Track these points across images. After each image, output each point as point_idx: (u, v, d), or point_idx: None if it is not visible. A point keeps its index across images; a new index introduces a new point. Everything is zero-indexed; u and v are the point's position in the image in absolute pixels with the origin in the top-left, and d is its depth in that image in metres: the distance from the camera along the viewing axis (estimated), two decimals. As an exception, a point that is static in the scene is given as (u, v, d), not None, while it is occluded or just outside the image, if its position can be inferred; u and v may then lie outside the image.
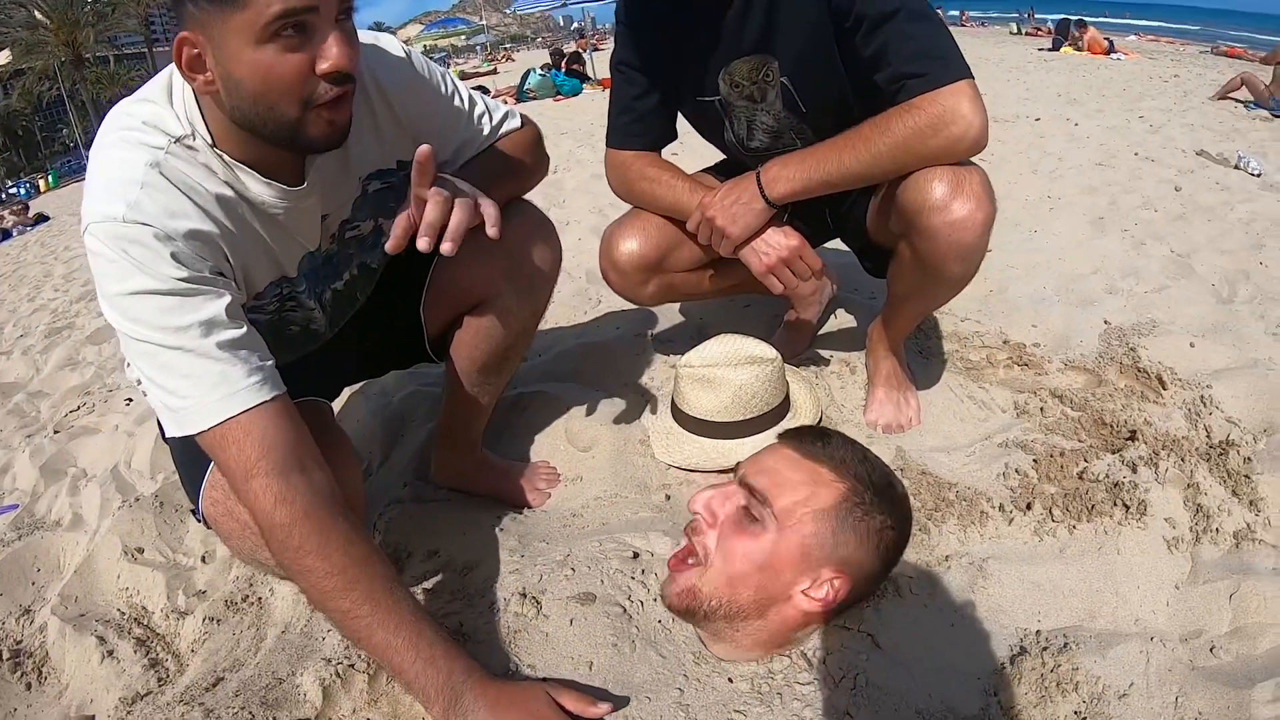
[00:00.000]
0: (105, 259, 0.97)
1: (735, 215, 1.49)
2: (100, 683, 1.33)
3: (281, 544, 0.98)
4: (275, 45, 0.93)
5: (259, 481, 0.98)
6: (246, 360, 1.01)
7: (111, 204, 0.97)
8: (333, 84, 0.98)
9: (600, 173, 4.82)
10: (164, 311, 0.97)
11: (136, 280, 0.96)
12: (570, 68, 13.65)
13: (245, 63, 0.94)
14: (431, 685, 0.96)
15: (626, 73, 1.64)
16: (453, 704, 0.96)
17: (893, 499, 1.10)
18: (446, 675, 0.97)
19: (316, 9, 0.93)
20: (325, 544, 0.98)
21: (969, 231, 1.35)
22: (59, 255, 7.09)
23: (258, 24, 0.91)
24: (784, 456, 1.09)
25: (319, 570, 0.98)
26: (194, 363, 0.98)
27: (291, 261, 1.23)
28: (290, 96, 0.97)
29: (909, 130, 1.32)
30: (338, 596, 0.98)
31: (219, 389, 0.98)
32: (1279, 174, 4.44)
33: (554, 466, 1.73)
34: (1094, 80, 9.33)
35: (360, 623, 0.98)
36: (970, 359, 2.06)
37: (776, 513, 1.03)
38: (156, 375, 1.00)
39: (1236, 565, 1.30)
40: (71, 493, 2.04)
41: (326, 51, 0.95)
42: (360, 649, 1.03)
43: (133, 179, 0.99)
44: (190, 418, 0.99)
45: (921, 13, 1.33)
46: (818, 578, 1.03)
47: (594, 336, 2.38)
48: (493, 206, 1.14)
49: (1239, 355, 1.99)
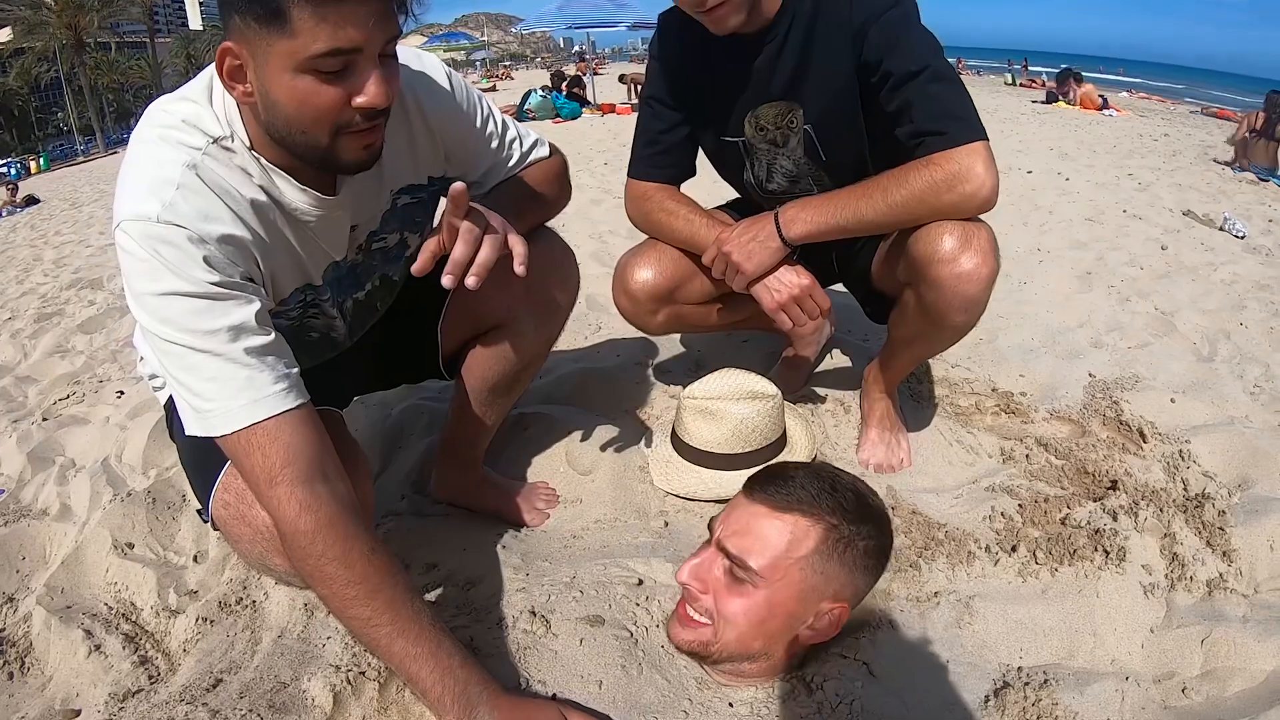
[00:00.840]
0: (136, 258, 0.97)
1: (751, 252, 1.53)
2: (87, 677, 1.32)
3: (304, 551, 0.99)
4: (315, 76, 0.94)
5: (283, 489, 0.99)
6: (273, 367, 1.01)
7: (146, 203, 0.97)
8: (367, 119, 0.99)
9: (598, 198, 4.84)
10: (193, 314, 0.97)
11: (167, 281, 0.96)
12: (571, 91, 13.71)
13: (284, 87, 0.95)
14: (449, 694, 0.98)
15: (655, 107, 1.69)
16: (467, 714, 0.98)
17: (867, 514, 1.13)
18: (463, 686, 0.99)
19: (361, 50, 0.94)
20: (348, 552, 0.99)
21: (974, 284, 1.41)
22: (49, 240, 7.01)
23: (301, 55, 0.91)
24: (755, 512, 1.10)
25: (341, 578, 0.99)
26: (221, 367, 0.98)
27: (318, 269, 1.24)
28: (323, 124, 0.98)
29: (925, 184, 1.38)
30: (359, 604, 0.99)
31: (245, 394, 0.98)
32: (1263, 237, 4.55)
33: (553, 488, 1.74)
34: (1086, 136, 9.51)
35: (380, 631, 0.99)
36: (960, 405, 2.11)
37: (761, 572, 1.06)
38: (182, 376, 1.00)
39: (1209, 612, 1.34)
40: (60, 482, 2.02)
41: (365, 89, 0.96)
42: (376, 656, 1.04)
43: (169, 179, 0.99)
44: (215, 421, 0.99)
45: (946, 75, 1.40)
46: (818, 612, 1.07)
47: (594, 362, 2.40)
48: (521, 244, 1.16)
49: (1217, 412, 2.06)
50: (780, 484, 1.10)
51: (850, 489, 1.13)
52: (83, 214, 8.72)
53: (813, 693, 1.09)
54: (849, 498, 1.11)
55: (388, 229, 1.32)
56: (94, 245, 6.12)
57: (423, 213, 1.37)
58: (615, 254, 3.76)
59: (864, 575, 1.11)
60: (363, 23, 0.91)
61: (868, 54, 1.42)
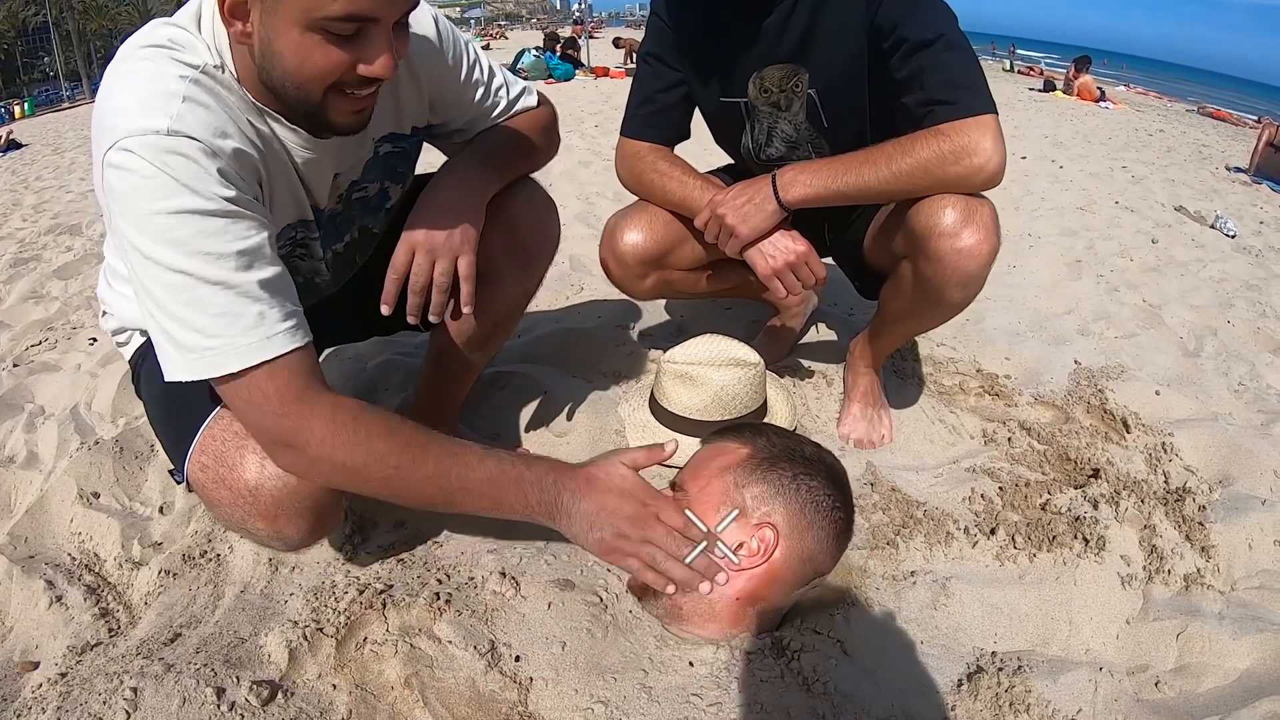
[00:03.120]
0: (141, 175, 0.89)
1: (746, 214, 1.50)
2: (47, 629, 1.29)
3: (351, 441, 0.97)
4: (324, 35, 0.90)
5: (310, 400, 0.97)
6: (282, 304, 0.96)
7: (151, 117, 0.90)
8: (364, 85, 0.96)
9: (587, 160, 4.77)
10: (206, 235, 0.90)
11: (181, 198, 0.89)
12: (565, 52, 13.58)
13: (290, 39, 0.90)
14: (532, 500, 1.03)
15: (654, 65, 1.64)
16: (556, 507, 1.04)
17: (805, 456, 1.14)
18: (539, 492, 1.03)
19: (378, 20, 0.91)
20: (388, 424, 1.00)
21: (974, 260, 1.38)
22: (30, 185, 6.86)
23: (315, 13, 0.88)
24: (704, 449, 1.18)
25: (395, 448, 0.99)
26: (230, 300, 0.92)
27: (307, 205, 1.20)
28: (321, 83, 0.95)
29: (932, 154, 1.34)
30: (419, 464, 0.99)
31: (256, 331, 0.93)
32: (1253, 238, 4.57)
33: (527, 449, 1.72)
34: (1081, 126, 9.50)
35: (451, 476, 1.00)
36: (944, 384, 2.10)
37: (682, 484, 1.14)
38: (185, 312, 0.92)
39: (1185, 607, 1.34)
40: (28, 429, 1.98)
41: (374, 58, 0.93)
42: (457, 501, 1.03)
43: (173, 91, 0.92)
44: (220, 359, 0.93)
45: (959, 45, 1.36)
46: (746, 541, 1.08)
47: (575, 323, 2.37)
48: (469, 283, 1.23)
49: (1201, 407, 2.06)
50: (737, 429, 1.17)
51: (803, 445, 1.17)
52: (65, 160, 8.55)
53: (780, 655, 1.08)
54: (792, 442, 1.15)
55: (369, 178, 1.28)
56: (75, 191, 6.01)
57: (404, 162, 1.33)
58: (602, 216, 3.75)
59: (798, 506, 1.09)
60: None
61: (881, 19, 1.38)
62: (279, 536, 1.14)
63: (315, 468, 1.00)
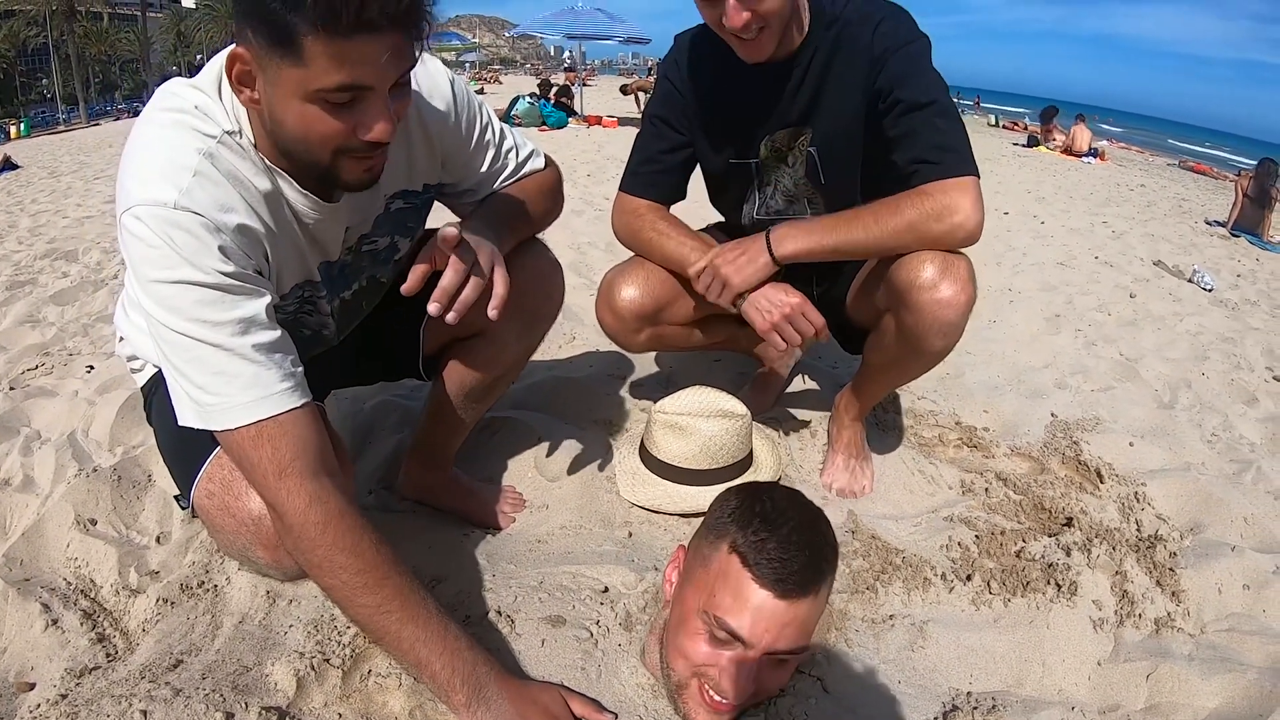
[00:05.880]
0: (148, 244, 0.95)
1: (740, 266, 1.56)
2: (42, 651, 1.30)
3: (314, 541, 1.00)
4: (323, 106, 0.93)
5: (293, 480, 0.99)
6: (280, 365, 1.02)
7: (162, 188, 0.96)
8: (370, 148, 0.99)
9: (580, 209, 4.85)
10: (204, 305, 0.96)
11: (180, 270, 0.95)
12: (559, 100, 13.63)
13: (291, 110, 0.94)
14: (458, 676, 1.00)
15: (659, 126, 1.71)
16: (476, 694, 1.01)
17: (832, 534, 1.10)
18: (471, 668, 1.02)
19: (373, 88, 0.93)
20: (358, 542, 1.01)
21: (953, 310, 1.46)
22: (25, 207, 6.86)
23: (311, 86, 0.90)
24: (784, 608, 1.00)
25: (352, 567, 1.00)
26: (228, 361, 0.98)
27: (314, 267, 1.24)
28: (326, 148, 0.98)
29: (917, 213, 1.43)
30: (368, 592, 1.00)
31: (251, 390, 0.99)
32: (1230, 291, 4.68)
33: (520, 493, 1.75)
34: (1064, 181, 9.71)
35: (390, 618, 1.01)
36: (924, 436, 2.15)
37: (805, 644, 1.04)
38: (186, 368, 0.99)
39: (1155, 649, 1.39)
40: (24, 453, 1.99)
41: (371, 124, 0.95)
42: (383, 644, 1.05)
43: (185, 165, 0.97)
44: (219, 415, 0.99)
45: (950, 112, 1.47)
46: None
47: (567, 372, 2.41)
48: (503, 285, 1.18)
49: (1174, 458, 2.12)
50: (792, 570, 0.99)
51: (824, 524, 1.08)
52: (61, 184, 8.56)
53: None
54: (830, 535, 1.07)
55: (379, 232, 1.32)
56: (71, 217, 6.01)
57: (415, 218, 1.37)
58: (594, 266, 3.80)
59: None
60: (375, 60, 0.90)
61: (882, 81, 1.48)
62: (278, 566, 1.17)
63: (285, 540, 1.05)
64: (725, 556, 1.00)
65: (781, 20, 1.43)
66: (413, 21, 0.92)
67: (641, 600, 1.37)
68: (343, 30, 0.86)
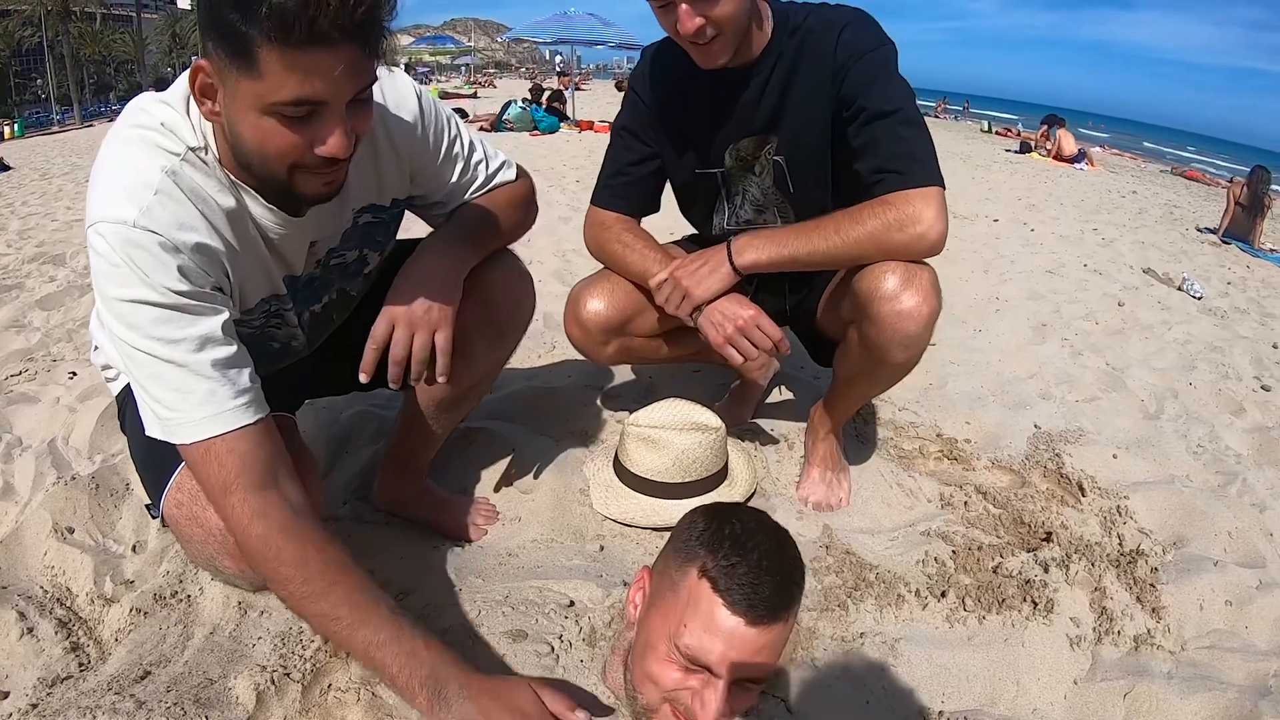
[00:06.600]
0: (109, 261, 0.98)
1: (700, 277, 1.56)
2: (17, 659, 1.30)
3: (259, 555, 1.01)
4: (279, 120, 0.93)
5: (236, 496, 1.01)
6: (235, 381, 1.03)
7: (123, 206, 0.97)
8: (327, 164, 0.99)
9: (567, 216, 4.85)
10: (160, 323, 0.99)
11: (137, 289, 0.97)
12: (551, 105, 13.58)
13: (248, 123, 0.95)
14: (415, 678, 0.98)
15: (626, 138, 1.71)
16: (437, 695, 0.98)
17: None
18: (430, 668, 0.99)
19: (327, 102, 0.93)
20: (301, 552, 1.01)
21: (914, 322, 1.45)
22: (15, 210, 6.82)
23: (267, 99, 0.91)
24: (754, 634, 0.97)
25: (297, 578, 1.01)
26: (184, 378, 1.00)
27: (279, 281, 1.24)
28: (282, 162, 0.98)
29: (880, 223, 1.43)
30: (317, 600, 1.01)
31: (206, 407, 1.00)
32: (1220, 299, 4.69)
33: (493, 505, 1.75)
34: (1055, 188, 9.70)
35: (341, 624, 1.00)
36: (903, 448, 2.14)
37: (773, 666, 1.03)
38: (145, 382, 1.02)
39: (1133, 667, 1.38)
40: (4, 460, 1.99)
41: (326, 139, 0.95)
42: (342, 649, 1.05)
43: (147, 184, 0.99)
44: (175, 429, 1.02)
45: (915, 120, 1.46)
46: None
47: (545, 382, 2.41)
48: (446, 356, 1.25)
49: (1158, 470, 2.12)
50: (764, 595, 0.96)
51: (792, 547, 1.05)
52: (52, 186, 8.53)
53: None
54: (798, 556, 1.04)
55: (347, 246, 1.32)
56: (60, 220, 5.99)
57: (384, 232, 1.38)
58: (579, 273, 3.75)
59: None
60: (329, 74, 0.91)
61: (846, 89, 1.47)
62: (244, 576, 1.19)
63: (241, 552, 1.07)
64: (695, 582, 0.98)
65: (735, 25, 1.42)
66: (367, 34, 0.92)
67: (607, 615, 1.37)
68: (295, 42, 0.86)
